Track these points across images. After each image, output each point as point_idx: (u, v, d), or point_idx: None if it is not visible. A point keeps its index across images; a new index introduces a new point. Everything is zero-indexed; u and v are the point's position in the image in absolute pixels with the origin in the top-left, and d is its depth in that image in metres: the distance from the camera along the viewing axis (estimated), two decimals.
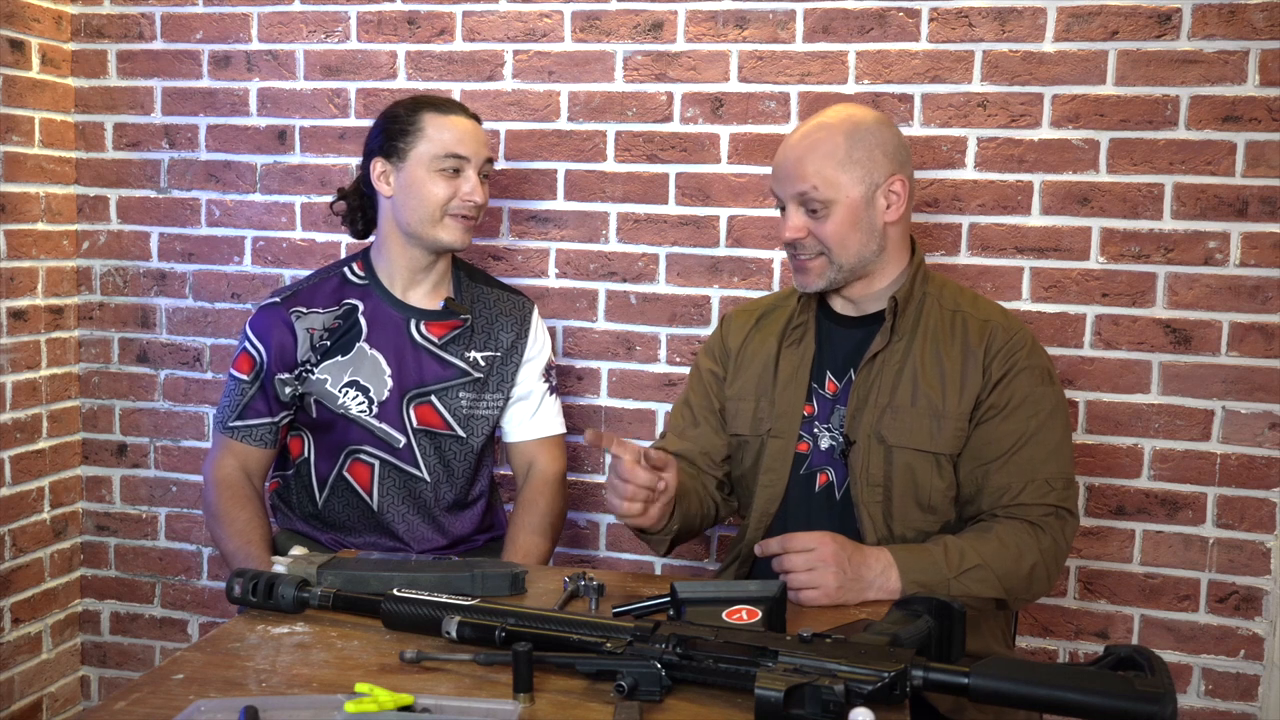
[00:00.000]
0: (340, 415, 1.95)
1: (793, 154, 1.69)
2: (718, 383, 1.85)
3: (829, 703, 1.07)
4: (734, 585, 1.36)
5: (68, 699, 2.67)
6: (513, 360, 2.04)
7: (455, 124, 1.93)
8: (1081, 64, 2.11)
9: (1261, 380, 2.09)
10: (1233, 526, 2.12)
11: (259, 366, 1.93)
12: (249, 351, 1.94)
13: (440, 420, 1.98)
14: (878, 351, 1.69)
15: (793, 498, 1.74)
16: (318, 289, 1.98)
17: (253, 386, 1.94)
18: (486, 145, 1.97)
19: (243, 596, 1.39)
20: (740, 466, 1.81)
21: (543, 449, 2.07)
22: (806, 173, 1.66)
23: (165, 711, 1.11)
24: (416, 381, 1.96)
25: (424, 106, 1.95)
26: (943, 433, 1.66)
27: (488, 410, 2.02)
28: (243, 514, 1.91)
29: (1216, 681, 2.15)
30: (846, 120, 1.69)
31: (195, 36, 2.49)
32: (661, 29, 2.27)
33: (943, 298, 1.74)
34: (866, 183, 1.67)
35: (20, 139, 2.42)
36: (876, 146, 1.68)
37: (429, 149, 1.91)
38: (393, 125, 1.94)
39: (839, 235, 1.67)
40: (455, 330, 1.99)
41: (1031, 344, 1.70)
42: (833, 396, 1.74)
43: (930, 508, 1.67)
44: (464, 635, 1.25)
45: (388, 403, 1.95)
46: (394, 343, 1.96)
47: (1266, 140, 2.05)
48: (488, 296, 2.05)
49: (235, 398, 1.95)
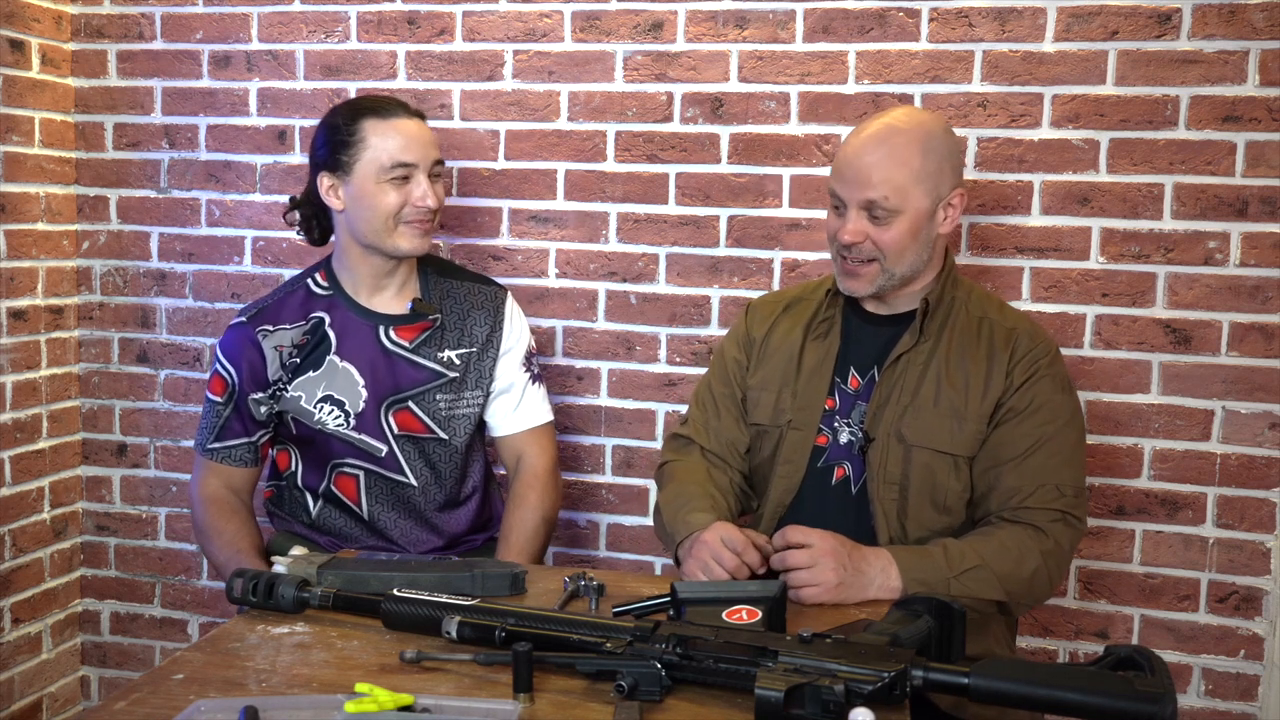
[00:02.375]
0: (318, 431, 1.93)
1: (866, 158, 1.65)
2: (741, 370, 1.84)
3: (829, 703, 1.07)
4: (734, 585, 1.36)
5: (68, 699, 2.67)
6: (489, 354, 2.00)
7: (398, 128, 1.88)
8: (1081, 64, 2.11)
9: (1261, 380, 2.09)
10: (1233, 526, 2.12)
11: (231, 388, 1.92)
12: (220, 374, 1.93)
13: (420, 425, 1.96)
14: (904, 351, 1.70)
15: (808, 490, 1.74)
16: (283, 304, 1.96)
17: (227, 408, 1.93)
18: (434, 145, 1.92)
19: (243, 596, 1.39)
20: (758, 456, 1.81)
21: (531, 440, 2.04)
22: (878, 180, 1.63)
23: (165, 711, 1.11)
24: (391, 388, 1.94)
25: (363, 113, 1.89)
26: (963, 434, 1.66)
27: (468, 409, 1.99)
28: (230, 525, 1.92)
29: (1216, 681, 2.15)
30: (919, 128, 1.67)
31: (195, 36, 2.49)
32: (661, 29, 2.27)
33: (970, 303, 1.75)
34: (933, 196, 1.66)
35: (20, 139, 2.42)
36: (946, 159, 1.67)
37: (374, 160, 1.86)
38: (335, 137, 1.89)
39: (899, 245, 1.66)
40: (426, 332, 1.96)
41: (1054, 353, 1.71)
42: (855, 392, 1.74)
43: (945, 508, 1.67)
44: (464, 635, 1.25)
45: (364, 413, 1.93)
46: (365, 352, 1.93)
47: (1266, 140, 2.05)
48: (458, 291, 2.02)
49: (211, 419, 1.95)
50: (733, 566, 1.51)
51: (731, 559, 1.51)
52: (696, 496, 1.71)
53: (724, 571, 1.51)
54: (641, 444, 2.36)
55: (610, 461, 2.40)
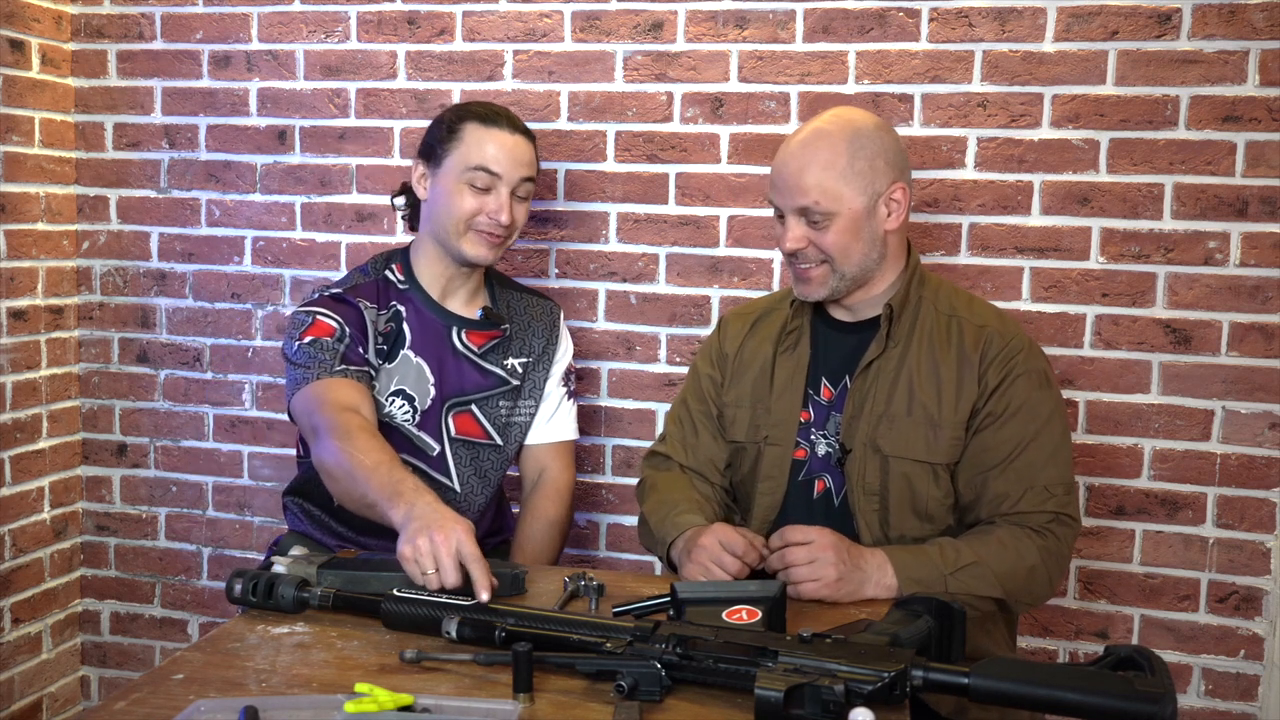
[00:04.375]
0: (384, 422, 1.88)
1: (793, 165, 1.65)
2: (715, 388, 1.84)
3: (829, 703, 1.07)
4: (734, 585, 1.36)
5: (68, 699, 2.67)
6: (543, 366, 2.03)
7: (495, 137, 1.87)
8: (1081, 64, 2.10)
9: (1261, 380, 2.09)
10: (1233, 526, 2.12)
11: (340, 331, 1.82)
12: (324, 321, 1.82)
13: (480, 430, 1.96)
14: (873, 359, 1.68)
15: (792, 504, 1.74)
16: (366, 288, 1.92)
17: (341, 343, 1.81)
18: (527, 165, 1.90)
19: (243, 596, 1.39)
20: (739, 472, 1.81)
21: (556, 455, 2.06)
22: (807, 185, 1.63)
23: (165, 711, 1.11)
24: (457, 390, 1.94)
25: (470, 115, 1.90)
26: (939, 442, 1.65)
27: (523, 417, 2.01)
28: (363, 435, 1.67)
29: (1216, 681, 2.15)
30: (846, 127, 1.66)
31: (195, 36, 2.49)
32: (661, 29, 2.27)
33: (938, 301, 1.72)
34: (868, 193, 1.64)
35: (20, 139, 2.42)
36: (878, 155, 1.65)
37: (462, 158, 1.87)
38: (438, 129, 1.92)
39: (841, 245, 1.65)
40: (494, 340, 1.98)
41: (1028, 347, 1.69)
42: (828, 403, 1.73)
43: (928, 516, 1.67)
44: (464, 635, 1.25)
45: (429, 411, 1.92)
46: (436, 350, 1.93)
47: (1266, 140, 2.05)
48: (519, 303, 2.04)
49: (325, 354, 1.79)
50: (735, 570, 1.50)
51: (733, 563, 1.51)
52: (682, 501, 1.72)
53: (726, 575, 1.50)
54: (641, 444, 2.35)
55: (610, 461, 2.40)
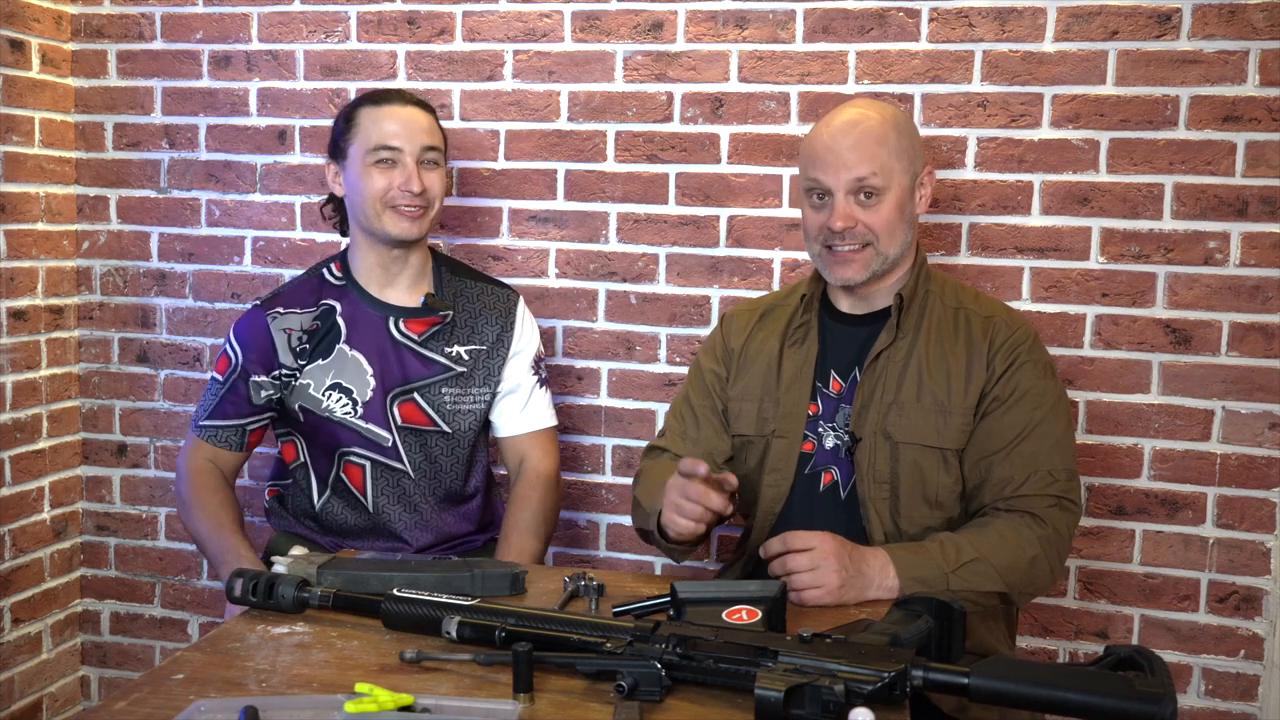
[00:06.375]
0: (325, 418, 1.96)
1: (845, 140, 1.68)
2: (720, 383, 1.85)
3: (829, 703, 1.07)
4: (734, 585, 1.36)
5: (68, 699, 2.67)
6: (499, 354, 2.04)
7: (389, 114, 1.93)
8: (1081, 64, 2.10)
9: (1261, 380, 2.09)
10: (1233, 526, 2.12)
11: (233, 367, 1.96)
12: (227, 353, 1.98)
13: (424, 417, 1.98)
14: (883, 349, 1.70)
15: (797, 497, 1.74)
16: (297, 290, 2.01)
17: (224, 387, 1.97)
18: (426, 132, 1.95)
19: (243, 596, 1.39)
20: (744, 466, 1.80)
21: (535, 443, 2.07)
22: (865, 158, 1.67)
23: (165, 711, 1.11)
24: (399, 379, 1.97)
25: (362, 103, 1.98)
26: (949, 428, 1.67)
27: (474, 404, 2.02)
28: (214, 498, 1.94)
29: (1216, 681, 2.15)
30: (883, 110, 1.74)
31: (195, 36, 2.49)
32: (661, 29, 2.27)
33: (945, 295, 1.76)
34: (910, 172, 1.72)
35: (20, 139, 2.42)
36: (914, 138, 1.74)
37: (363, 143, 1.93)
38: (338, 125, 1.99)
39: (889, 224, 1.69)
40: (435, 327, 2.00)
41: (1034, 339, 1.72)
42: (837, 395, 1.74)
43: (938, 504, 1.68)
44: (464, 635, 1.25)
45: (372, 402, 1.96)
46: (374, 342, 1.97)
47: (1266, 140, 2.05)
48: (470, 290, 2.05)
49: (209, 398, 1.99)
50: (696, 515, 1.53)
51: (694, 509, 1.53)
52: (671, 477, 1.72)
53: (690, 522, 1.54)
54: (641, 444, 2.35)
55: (610, 461, 2.40)
